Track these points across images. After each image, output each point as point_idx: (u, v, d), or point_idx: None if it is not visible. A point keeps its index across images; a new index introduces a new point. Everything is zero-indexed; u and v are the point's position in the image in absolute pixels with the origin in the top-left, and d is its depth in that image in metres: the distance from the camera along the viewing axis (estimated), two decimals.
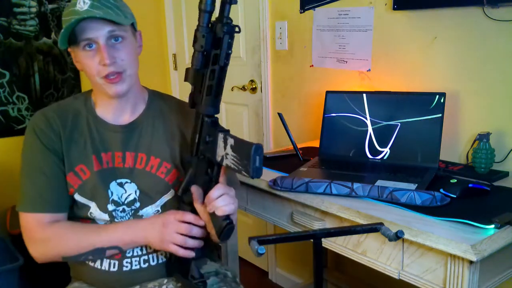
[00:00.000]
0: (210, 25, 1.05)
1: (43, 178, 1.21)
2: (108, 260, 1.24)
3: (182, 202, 1.19)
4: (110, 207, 1.23)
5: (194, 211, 1.16)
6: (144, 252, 1.24)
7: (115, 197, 1.24)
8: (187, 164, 1.19)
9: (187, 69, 1.10)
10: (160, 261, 1.26)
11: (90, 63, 1.15)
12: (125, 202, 1.24)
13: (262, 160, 0.99)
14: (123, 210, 1.24)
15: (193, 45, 1.05)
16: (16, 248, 2.22)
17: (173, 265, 1.23)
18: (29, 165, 1.23)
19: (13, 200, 2.83)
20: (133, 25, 1.22)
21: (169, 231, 1.15)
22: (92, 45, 1.14)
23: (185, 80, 1.11)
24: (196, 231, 1.16)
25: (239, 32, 1.06)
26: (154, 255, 1.26)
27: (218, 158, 1.08)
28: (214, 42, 1.05)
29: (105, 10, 1.11)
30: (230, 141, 1.04)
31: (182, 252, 1.16)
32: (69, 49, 1.19)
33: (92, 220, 1.25)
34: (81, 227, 1.21)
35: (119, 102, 1.24)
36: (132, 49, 1.19)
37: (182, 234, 1.15)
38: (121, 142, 1.25)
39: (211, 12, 1.06)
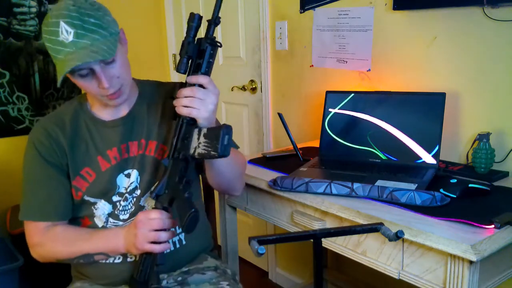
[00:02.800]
0: (195, 39, 1.15)
1: (42, 191, 1.25)
2: (112, 257, 1.26)
3: (155, 208, 1.21)
4: (115, 198, 1.27)
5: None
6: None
7: (121, 189, 1.27)
8: (161, 168, 1.22)
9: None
10: (166, 251, 1.26)
11: (88, 86, 1.16)
12: (128, 190, 1.27)
13: (231, 139, 1.10)
14: (125, 199, 1.27)
15: (180, 53, 1.15)
16: (16, 248, 2.22)
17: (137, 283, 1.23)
18: (29, 178, 1.27)
19: (13, 200, 2.83)
20: (117, 35, 1.19)
21: (142, 230, 1.15)
22: (88, 73, 1.13)
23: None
24: (168, 223, 1.18)
25: (220, 46, 1.17)
26: None
27: (191, 151, 1.14)
28: (198, 53, 1.15)
29: (90, 37, 1.08)
30: (204, 131, 1.12)
31: (158, 248, 1.16)
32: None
33: (93, 217, 1.27)
34: (72, 233, 1.25)
35: (118, 106, 1.28)
36: (123, 60, 1.18)
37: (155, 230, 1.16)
38: (122, 134, 1.28)
39: (197, 27, 1.15)
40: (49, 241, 1.25)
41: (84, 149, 1.26)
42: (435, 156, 1.50)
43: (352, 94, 1.70)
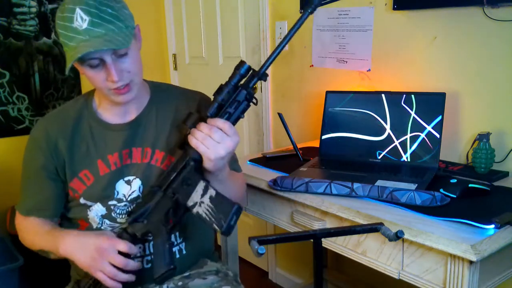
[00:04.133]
0: (236, 86, 1.11)
1: (36, 188, 1.25)
2: None
3: (125, 231, 1.15)
4: (111, 202, 1.23)
5: (134, 242, 1.14)
6: (147, 252, 1.23)
7: (120, 196, 1.23)
8: (148, 194, 1.16)
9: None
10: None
11: (97, 78, 1.12)
12: (128, 199, 1.23)
13: (237, 221, 1.08)
14: (124, 205, 1.23)
15: (215, 94, 1.11)
16: (16, 248, 2.22)
17: None
18: (26, 173, 1.28)
19: (13, 200, 2.82)
20: (133, 30, 1.17)
21: (102, 259, 1.09)
22: (98, 64, 1.10)
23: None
24: (132, 265, 1.11)
25: (256, 104, 1.14)
26: None
27: (190, 203, 1.10)
28: (232, 102, 1.11)
29: (105, 27, 1.06)
30: (211, 192, 1.09)
31: (110, 283, 1.09)
32: (74, 64, 1.14)
33: (87, 219, 1.25)
34: (40, 227, 1.25)
35: (124, 105, 1.22)
36: (136, 56, 1.15)
37: (115, 266, 1.09)
38: (126, 139, 1.23)
39: (242, 77, 1.11)
40: (23, 229, 1.29)
41: (85, 150, 1.23)
42: (435, 156, 1.50)
43: (352, 94, 1.70)
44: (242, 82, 1.12)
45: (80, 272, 1.30)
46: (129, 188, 1.23)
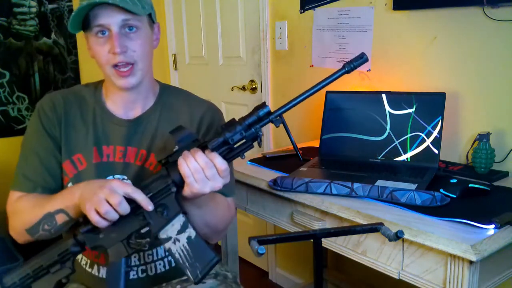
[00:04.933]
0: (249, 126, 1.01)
1: (35, 159, 1.19)
2: (105, 268, 1.21)
3: (74, 237, 1.04)
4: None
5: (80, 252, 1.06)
6: (142, 262, 1.22)
7: None
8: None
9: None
10: (159, 271, 1.24)
11: (100, 51, 1.10)
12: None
13: (211, 270, 1.01)
14: None
15: (224, 128, 1.00)
16: (16, 248, 2.22)
17: None
18: (26, 144, 1.22)
19: None
20: (150, 16, 1.17)
21: (101, 195, 0.98)
22: (105, 32, 1.09)
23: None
24: (124, 208, 0.98)
25: (259, 145, 1.05)
26: (152, 265, 1.23)
27: (162, 235, 1.00)
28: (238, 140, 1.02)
29: None
30: (191, 232, 1.00)
31: (96, 219, 0.98)
32: (83, 35, 1.14)
33: None
34: (37, 198, 1.17)
35: (129, 95, 1.19)
36: (146, 40, 1.13)
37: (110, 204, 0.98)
38: (124, 136, 1.21)
39: (259, 120, 1.00)
40: (18, 208, 1.17)
41: (83, 134, 1.20)
42: (435, 156, 1.50)
43: (352, 94, 1.70)
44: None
45: (79, 276, 1.28)
46: None
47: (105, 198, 0.97)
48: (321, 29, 2.08)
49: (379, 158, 1.60)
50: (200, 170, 0.97)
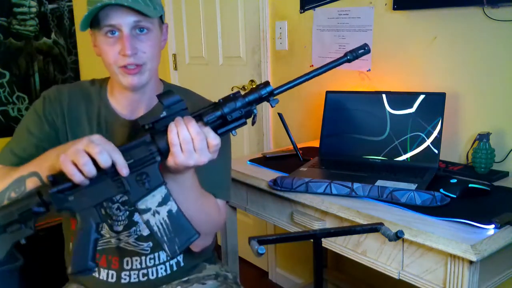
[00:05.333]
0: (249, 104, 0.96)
1: (28, 139, 1.16)
2: (106, 270, 1.22)
3: (39, 194, 0.94)
4: (105, 203, 1.16)
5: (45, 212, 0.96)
6: (144, 265, 1.22)
7: None
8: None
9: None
10: (160, 275, 1.23)
11: (109, 51, 1.07)
12: (120, 200, 1.18)
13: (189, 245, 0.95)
14: (118, 208, 1.19)
15: (221, 103, 0.93)
16: (16, 248, 2.22)
17: None
18: (22, 126, 1.20)
19: None
20: (161, 17, 1.15)
21: (79, 146, 0.90)
22: (115, 32, 1.06)
23: None
24: (105, 160, 0.89)
25: (253, 124, 0.99)
26: (154, 269, 1.23)
27: (141, 206, 0.93)
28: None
29: None
30: (172, 206, 0.93)
31: (72, 171, 0.89)
32: (89, 32, 1.13)
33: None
34: (9, 167, 1.11)
35: (134, 95, 1.16)
36: (156, 42, 1.11)
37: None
38: (127, 138, 1.19)
39: (259, 99, 0.96)
40: None
41: (88, 131, 1.17)
42: (435, 156, 1.50)
43: (352, 94, 1.69)
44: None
45: (78, 278, 1.28)
46: None
47: (84, 149, 0.90)
48: (321, 29, 2.09)
49: (379, 158, 1.60)
50: (190, 141, 0.90)
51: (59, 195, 0.92)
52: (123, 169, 0.90)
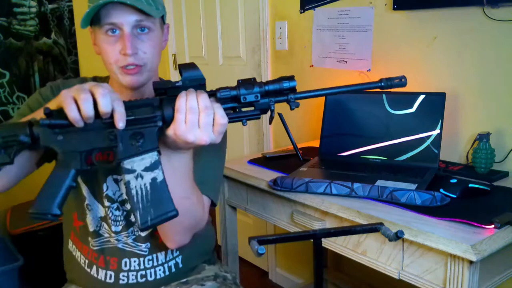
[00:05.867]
0: (267, 94, 0.92)
1: (28, 113, 1.09)
2: (104, 271, 1.21)
3: (29, 124, 0.89)
4: (106, 202, 1.19)
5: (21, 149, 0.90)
6: (142, 267, 1.22)
7: (109, 192, 1.19)
8: None
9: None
10: (158, 276, 1.23)
11: (109, 50, 1.06)
12: (118, 199, 1.18)
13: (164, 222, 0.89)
14: (118, 208, 1.19)
15: (240, 85, 0.92)
16: (16, 248, 2.23)
17: None
18: (25, 103, 1.18)
19: (13, 200, 2.82)
20: (162, 18, 1.14)
21: (86, 85, 0.88)
22: (116, 31, 1.04)
23: None
24: (106, 103, 0.85)
25: (270, 122, 0.94)
26: (152, 270, 1.22)
27: (127, 165, 0.88)
28: (249, 104, 0.92)
29: None
30: (158, 175, 0.88)
31: (71, 107, 0.85)
32: (89, 29, 1.11)
33: (84, 218, 1.19)
34: None
35: (133, 94, 1.15)
36: (157, 42, 1.10)
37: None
38: None
39: (282, 91, 0.92)
40: None
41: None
42: (435, 156, 1.50)
43: (352, 94, 1.69)
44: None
45: (77, 277, 1.28)
46: (117, 188, 1.18)
47: (89, 88, 0.87)
48: (321, 29, 2.09)
49: (379, 158, 1.60)
50: (196, 112, 0.87)
51: (48, 130, 0.88)
52: (120, 121, 0.86)
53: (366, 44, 1.90)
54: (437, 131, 1.51)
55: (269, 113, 0.92)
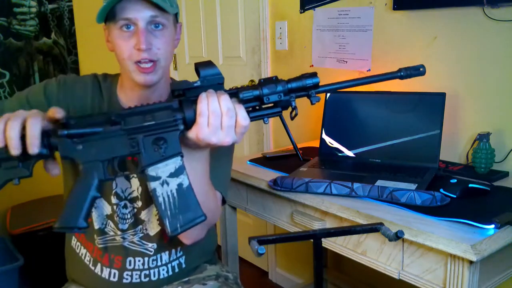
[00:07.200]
0: (290, 91, 0.92)
1: (19, 103, 1.12)
2: (108, 269, 1.21)
3: (47, 136, 0.87)
4: (113, 199, 1.18)
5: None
6: (146, 266, 1.21)
7: (118, 190, 1.18)
8: (103, 116, 0.89)
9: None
10: (162, 276, 1.23)
11: (123, 45, 1.06)
12: (128, 197, 1.18)
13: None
14: (125, 206, 1.18)
15: (261, 83, 0.90)
16: (16, 248, 2.23)
17: None
18: (28, 88, 1.18)
19: (13, 200, 2.82)
20: (176, 15, 1.14)
21: (18, 113, 0.86)
22: (130, 27, 1.05)
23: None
24: (34, 131, 0.83)
25: (292, 117, 0.94)
26: (156, 270, 1.22)
27: (151, 172, 0.87)
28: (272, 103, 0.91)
29: None
30: (184, 180, 0.88)
31: None
32: (103, 26, 1.11)
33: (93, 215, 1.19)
34: None
35: (144, 91, 1.14)
36: (170, 39, 1.10)
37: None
38: None
39: (305, 88, 0.93)
40: None
41: None
42: (435, 156, 1.50)
43: (352, 94, 1.70)
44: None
45: (79, 275, 1.28)
46: (128, 185, 1.18)
47: (23, 118, 0.84)
48: (321, 29, 2.08)
49: (379, 158, 1.60)
50: (219, 115, 0.86)
51: (67, 141, 0.85)
52: (32, 146, 0.82)
53: (366, 44, 1.90)
54: (437, 131, 1.51)
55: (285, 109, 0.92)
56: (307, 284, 2.37)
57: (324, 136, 1.71)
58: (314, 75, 0.91)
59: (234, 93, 0.88)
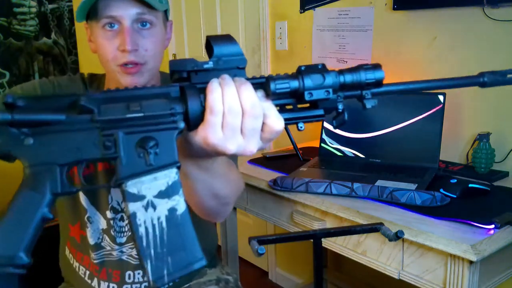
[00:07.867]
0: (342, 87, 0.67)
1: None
2: (106, 283, 1.16)
3: (12, 118, 0.59)
4: (109, 214, 1.10)
5: None
6: (146, 279, 1.18)
7: (114, 203, 1.11)
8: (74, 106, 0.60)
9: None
10: (163, 287, 1.20)
11: (107, 46, 0.95)
12: (124, 209, 1.13)
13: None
14: (122, 219, 1.12)
15: (304, 73, 0.62)
16: None
17: None
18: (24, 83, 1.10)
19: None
20: (166, 13, 1.04)
21: None
22: (114, 25, 0.94)
23: None
24: None
25: (342, 123, 0.71)
26: None
27: (130, 188, 0.60)
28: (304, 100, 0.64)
29: None
30: (179, 203, 0.60)
31: None
32: (85, 24, 1.01)
33: (85, 228, 1.13)
34: None
35: None
36: (160, 39, 1.00)
37: None
38: None
39: (365, 84, 0.70)
40: None
41: None
42: (435, 156, 1.50)
43: None
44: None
45: (73, 283, 1.25)
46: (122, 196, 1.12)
47: None
48: (321, 29, 2.08)
49: (379, 158, 1.60)
50: (239, 113, 0.60)
51: (12, 130, 0.58)
52: None
53: (366, 44, 1.90)
54: (437, 131, 1.51)
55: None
56: (307, 284, 2.37)
57: (324, 136, 1.72)
58: (377, 66, 0.66)
59: (261, 83, 0.61)
